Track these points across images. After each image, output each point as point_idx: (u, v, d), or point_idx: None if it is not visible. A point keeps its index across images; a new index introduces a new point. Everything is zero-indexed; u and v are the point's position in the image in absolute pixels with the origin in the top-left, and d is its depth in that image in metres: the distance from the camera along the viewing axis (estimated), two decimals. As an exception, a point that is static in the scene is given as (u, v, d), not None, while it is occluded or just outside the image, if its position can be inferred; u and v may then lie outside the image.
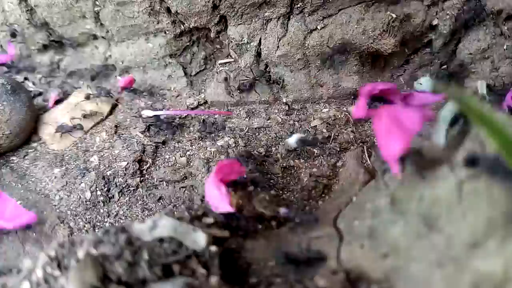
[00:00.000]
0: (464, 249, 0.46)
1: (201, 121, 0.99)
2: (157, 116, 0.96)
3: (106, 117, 1.03)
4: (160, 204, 0.86)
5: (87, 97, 1.04)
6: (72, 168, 0.91)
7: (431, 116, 0.58)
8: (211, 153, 0.92)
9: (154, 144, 0.95)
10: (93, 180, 0.87)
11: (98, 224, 0.84)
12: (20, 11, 1.05)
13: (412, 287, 0.49)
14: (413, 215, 0.53)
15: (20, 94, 0.95)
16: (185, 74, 1.07)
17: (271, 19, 0.93)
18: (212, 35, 1.00)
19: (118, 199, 0.87)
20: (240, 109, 1.03)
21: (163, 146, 0.96)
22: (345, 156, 0.88)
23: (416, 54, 0.98)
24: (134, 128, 0.99)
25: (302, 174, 0.87)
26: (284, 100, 1.02)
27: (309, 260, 0.57)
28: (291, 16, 0.93)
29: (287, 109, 1.00)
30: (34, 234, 0.82)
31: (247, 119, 1.00)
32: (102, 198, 0.86)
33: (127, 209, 0.85)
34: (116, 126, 1.00)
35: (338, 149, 0.90)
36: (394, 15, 0.89)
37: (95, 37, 1.08)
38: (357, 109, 0.68)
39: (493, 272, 0.43)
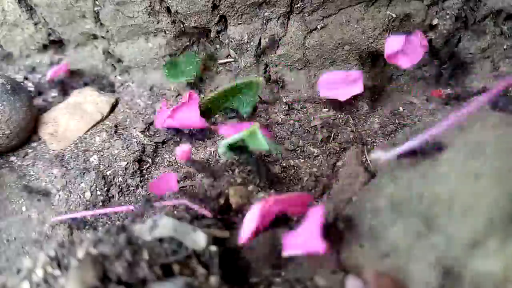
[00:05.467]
0: (464, 249, 0.46)
1: None
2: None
3: (106, 117, 1.03)
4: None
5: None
6: (72, 168, 0.91)
7: None
8: (211, 153, 0.92)
9: (154, 144, 0.95)
10: (93, 180, 0.87)
11: (98, 224, 0.84)
12: (20, 11, 1.05)
13: (412, 287, 0.49)
14: (413, 215, 0.53)
15: (20, 94, 0.95)
16: (185, 74, 1.07)
17: (271, 18, 0.93)
18: (212, 35, 1.00)
19: (118, 199, 0.87)
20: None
21: (163, 146, 0.96)
22: (345, 156, 0.88)
23: (416, 54, 0.98)
24: (134, 128, 0.99)
25: (302, 174, 0.87)
26: (284, 100, 1.02)
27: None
28: (291, 16, 0.93)
29: (287, 109, 1.00)
30: (34, 234, 0.82)
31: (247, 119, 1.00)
32: (102, 198, 0.86)
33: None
34: (116, 126, 1.00)
35: (338, 149, 0.90)
36: (394, 15, 0.89)
37: (95, 37, 1.08)
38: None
39: (493, 272, 0.43)
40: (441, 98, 0.94)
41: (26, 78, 1.16)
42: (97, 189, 0.86)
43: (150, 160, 0.93)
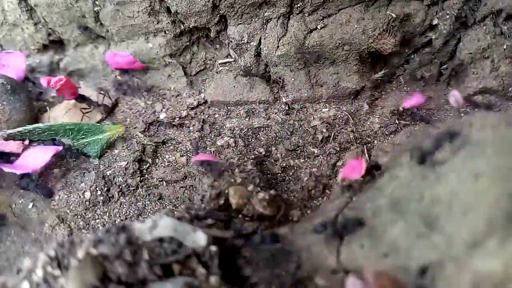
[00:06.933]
0: (464, 249, 0.46)
1: (201, 121, 0.99)
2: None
3: (106, 117, 1.03)
4: (160, 204, 0.86)
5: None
6: (72, 168, 0.91)
7: None
8: (211, 153, 0.92)
9: (154, 144, 0.95)
10: (93, 180, 0.87)
11: (98, 224, 0.84)
12: (20, 11, 1.04)
13: (412, 287, 0.49)
14: (413, 215, 0.53)
15: (20, 94, 0.95)
16: (185, 74, 1.07)
17: (271, 18, 0.93)
18: (212, 35, 1.00)
19: (118, 199, 0.87)
20: (240, 109, 1.03)
21: (163, 146, 0.96)
22: (345, 156, 0.88)
23: (416, 54, 0.98)
24: (134, 128, 0.99)
25: (302, 174, 0.87)
26: (284, 100, 1.02)
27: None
28: (291, 16, 0.93)
29: (287, 109, 1.00)
30: (34, 234, 0.82)
31: (247, 119, 1.00)
32: (102, 198, 0.86)
33: (127, 209, 0.85)
34: (116, 126, 1.00)
35: (338, 149, 0.90)
36: (394, 15, 0.89)
37: (95, 37, 1.08)
38: None
39: (493, 272, 0.43)
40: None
41: (26, 78, 1.16)
42: (97, 189, 0.86)
43: (150, 160, 0.93)
